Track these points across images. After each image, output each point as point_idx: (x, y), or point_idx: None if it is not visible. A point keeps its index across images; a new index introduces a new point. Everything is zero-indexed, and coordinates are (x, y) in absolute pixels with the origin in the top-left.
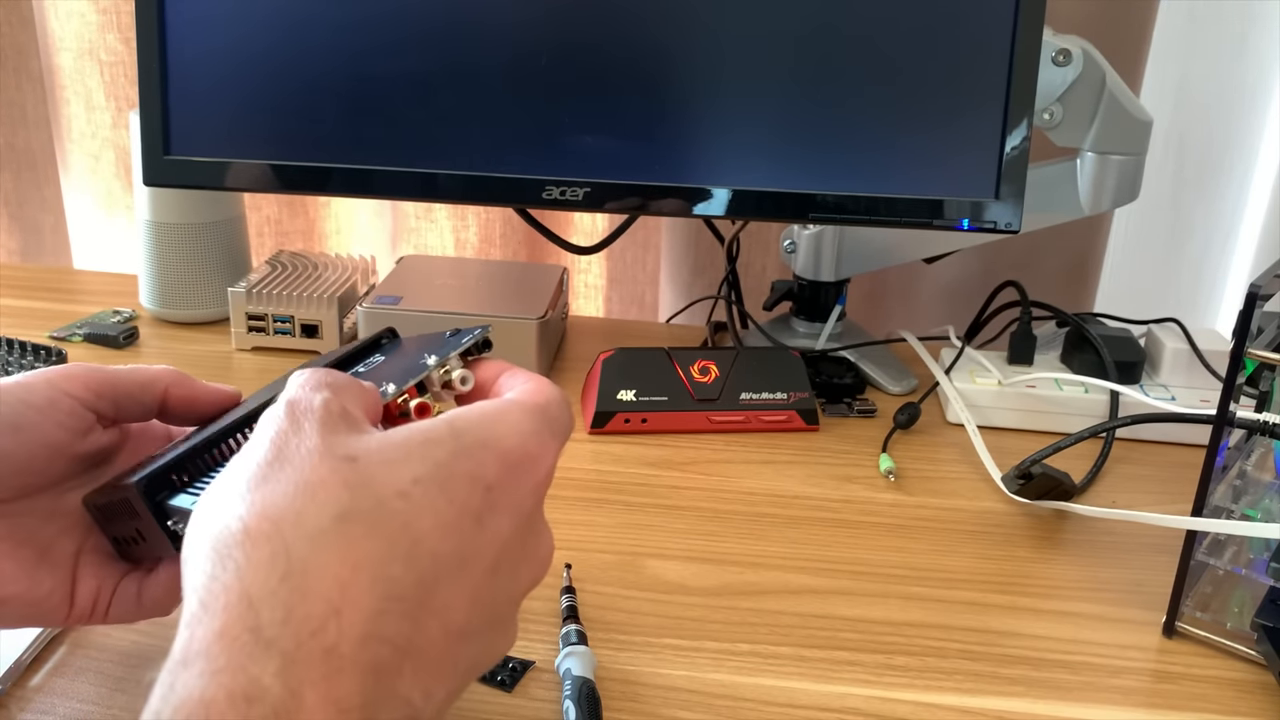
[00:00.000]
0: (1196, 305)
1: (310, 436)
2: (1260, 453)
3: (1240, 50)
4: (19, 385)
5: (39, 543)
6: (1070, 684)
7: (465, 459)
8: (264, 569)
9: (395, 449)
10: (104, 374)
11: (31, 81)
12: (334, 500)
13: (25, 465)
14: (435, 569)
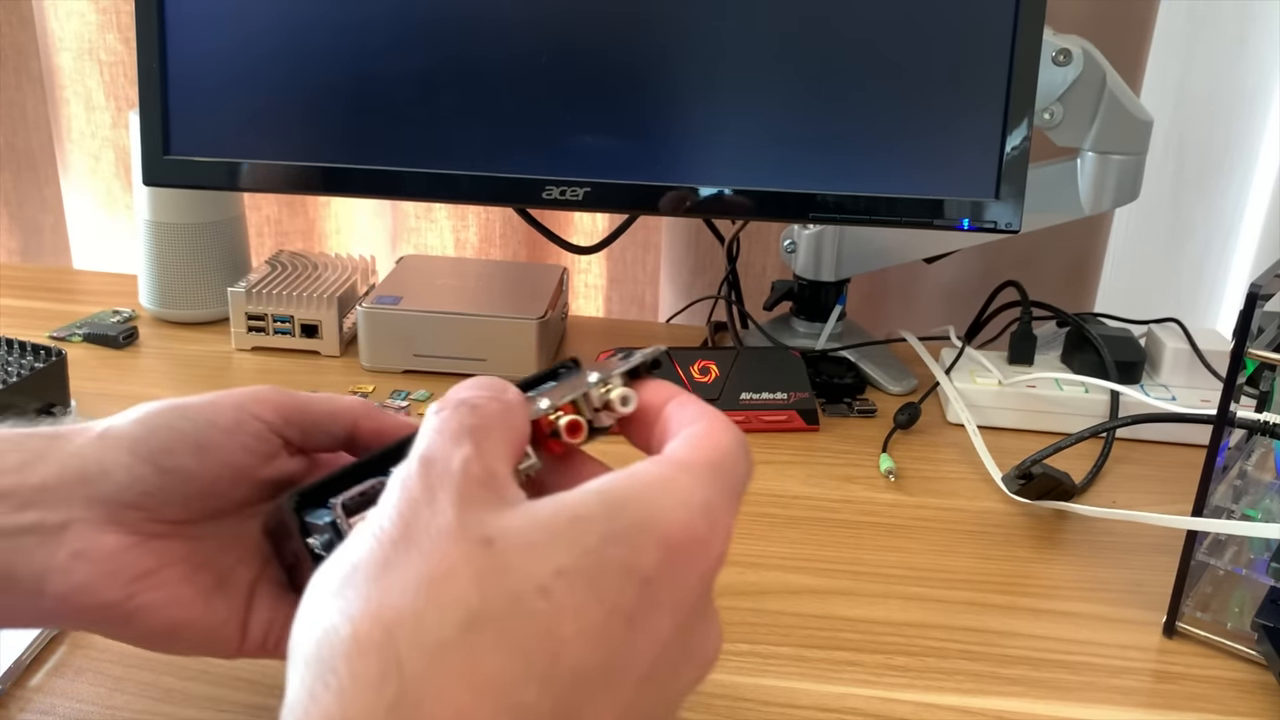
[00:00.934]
0: (1197, 305)
1: (443, 511)
2: (1261, 453)
3: (1240, 50)
4: (208, 405)
5: (217, 569)
6: (1070, 684)
7: (620, 545)
8: (370, 692)
9: (539, 529)
10: (294, 399)
11: (31, 81)
12: (461, 601)
13: (209, 487)
14: (576, 687)
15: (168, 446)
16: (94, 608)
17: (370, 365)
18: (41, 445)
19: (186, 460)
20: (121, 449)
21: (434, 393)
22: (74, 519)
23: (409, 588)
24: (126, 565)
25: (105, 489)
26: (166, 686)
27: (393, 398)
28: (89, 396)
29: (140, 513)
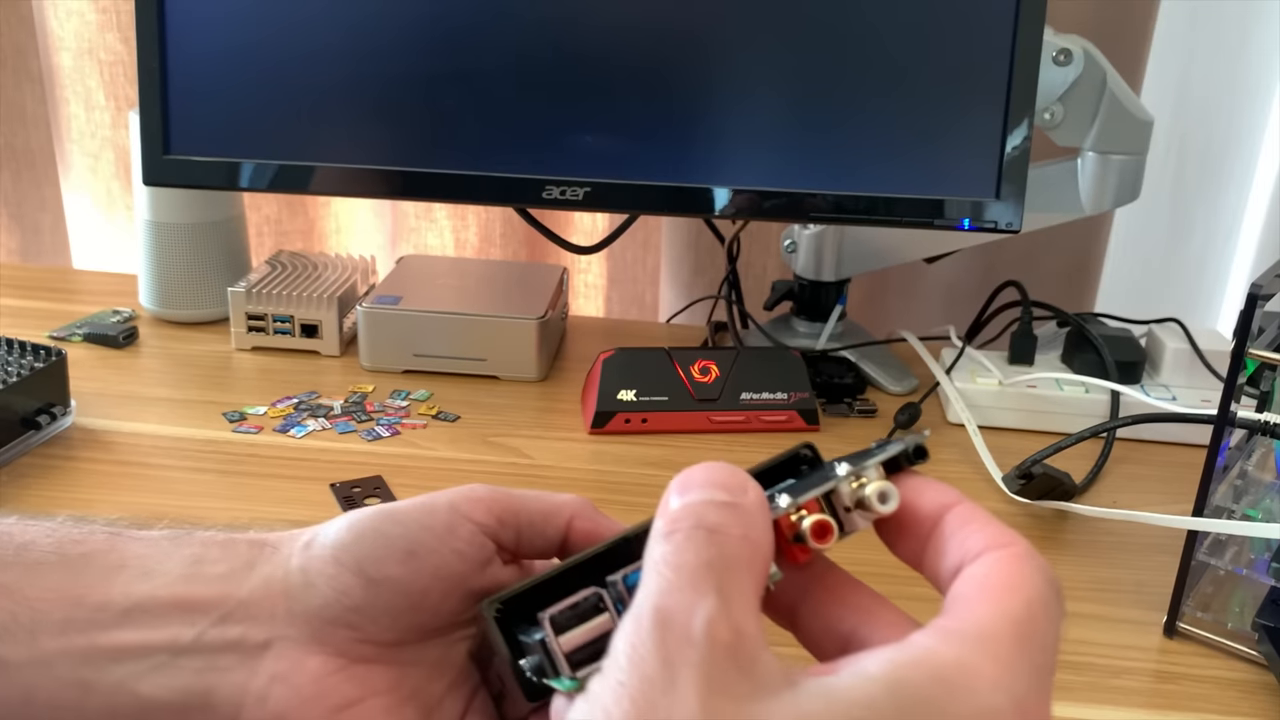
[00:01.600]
0: (1197, 305)
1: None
2: (1261, 453)
3: (1241, 50)
4: (417, 508)
5: (424, 701)
6: (1071, 684)
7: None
8: None
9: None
10: (507, 499)
11: (31, 81)
12: None
13: (419, 600)
14: None
15: (376, 554)
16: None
17: (370, 365)
18: (249, 554)
19: (396, 569)
20: (327, 558)
21: (434, 393)
22: (277, 637)
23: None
24: (328, 692)
25: (310, 603)
26: None
27: (393, 397)
28: (89, 396)
29: (346, 631)
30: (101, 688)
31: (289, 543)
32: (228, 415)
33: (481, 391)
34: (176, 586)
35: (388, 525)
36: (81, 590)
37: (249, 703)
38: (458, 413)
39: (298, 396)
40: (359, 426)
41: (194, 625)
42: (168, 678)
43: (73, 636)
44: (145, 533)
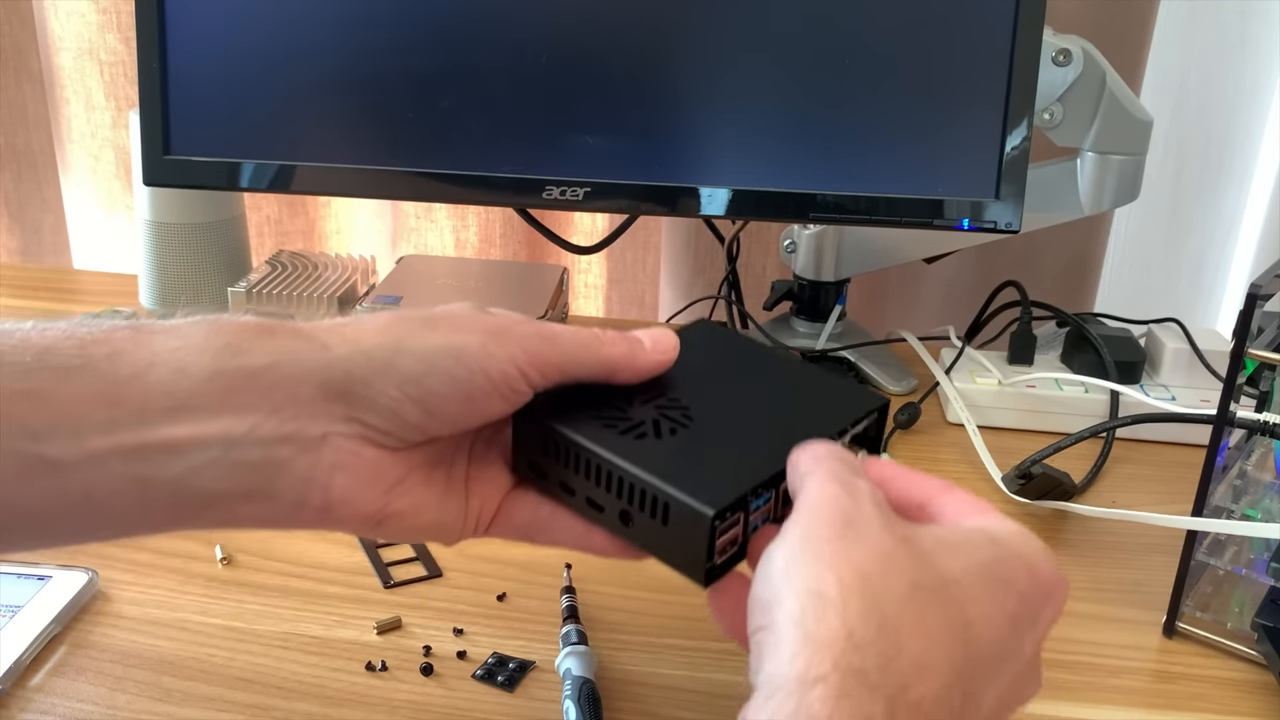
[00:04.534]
0: (1197, 305)
1: (869, 509)
2: (1260, 453)
3: (1241, 50)
4: (483, 353)
5: (447, 467)
6: (1070, 684)
7: (1004, 566)
8: (862, 618)
9: (942, 540)
10: (561, 363)
11: (31, 81)
12: (907, 570)
13: (463, 427)
14: (979, 658)
15: (440, 392)
16: (351, 518)
17: None
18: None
19: (454, 408)
20: (391, 382)
21: None
22: (333, 432)
23: (869, 555)
24: (383, 475)
25: (367, 413)
26: (166, 686)
27: None
28: None
29: (397, 434)
30: (160, 482)
31: (331, 335)
32: None
33: None
34: (217, 382)
35: (456, 367)
36: (119, 392)
37: (313, 490)
38: None
39: None
40: None
41: (245, 418)
42: (226, 469)
43: (120, 435)
44: (169, 323)
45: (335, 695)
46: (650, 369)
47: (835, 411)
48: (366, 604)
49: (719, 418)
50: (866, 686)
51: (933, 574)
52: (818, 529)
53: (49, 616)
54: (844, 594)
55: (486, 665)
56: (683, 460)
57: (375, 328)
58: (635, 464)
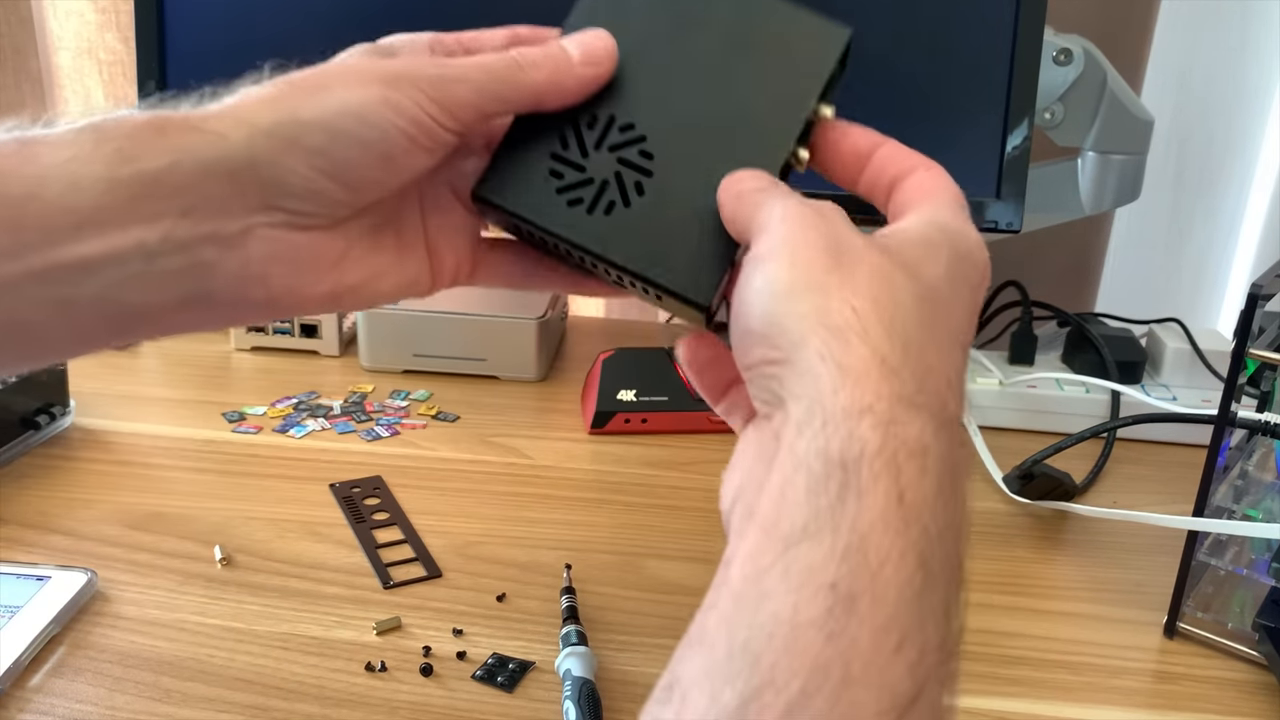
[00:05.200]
0: (1198, 305)
1: (844, 228)
2: (1262, 453)
3: (1241, 50)
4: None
5: (396, 225)
6: (1071, 684)
7: (962, 263)
8: (889, 342)
9: (913, 247)
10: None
11: (30, 81)
12: (906, 286)
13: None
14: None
15: (353, 160)
16: (301, 305)
17: (370, 365)
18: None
19: (373, 173)
20: (298, 160)
21: (434, 393)
22: (254, 224)
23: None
24: (321, 258)
25: (283, 200)
26: (166, 687)
27: (392, 398)
28: (88, 396)
29: (324, 211)
30: (83, 301)
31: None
32: (227, 415)
33: (481, 391)
34: (119, 191)
35: (361, 129)
36: (17, 215)
37: (251, 286)
38: (457, 413)
39: (297, 396)
40: (358, 427)
41: (157, 226)
42: (152, 281)
43: (29, 259)
44: (54, 132)
45: (335, 696)
46: (582, 89)
47: (801, 69)
48: (366, 604)
49: (681, 142)
50: (913, 408)
51: (923, 284)
52: (810, 258)
53: (48, 617)
54: (864, 322)
55: (486, 666)
56: (663, 234)
57: (267, 99)
58: (617, 253)
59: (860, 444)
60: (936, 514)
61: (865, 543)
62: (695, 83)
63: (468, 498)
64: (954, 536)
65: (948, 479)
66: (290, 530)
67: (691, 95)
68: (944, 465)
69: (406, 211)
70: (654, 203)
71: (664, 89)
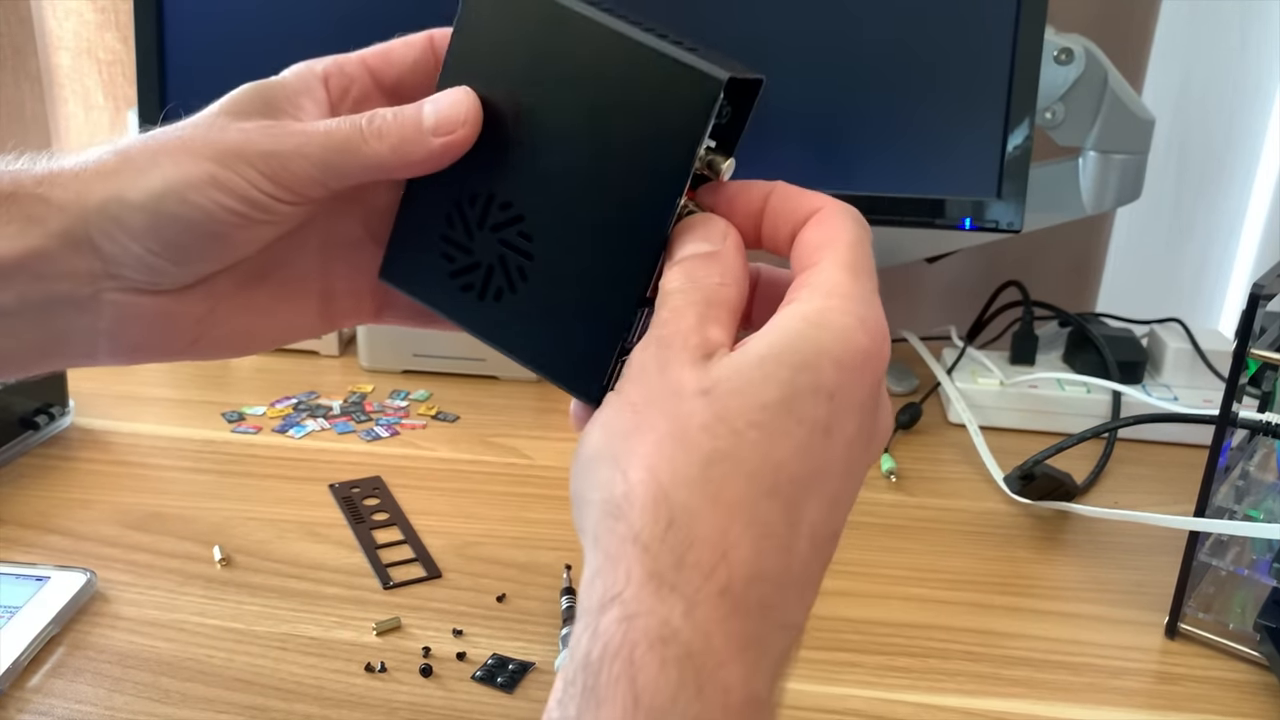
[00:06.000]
0: (1199, 305)
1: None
2: (1263, 453)
3: (1242, 50)
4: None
5: (274, 278)
6: (1072, 685)
7: (807, 374)
8: (651, 518)
9: (740, 376)
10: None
11: (29, 81)
12: (699, 446)
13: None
14: (797, 494)
15: (180, 240)
16: (159, 357)
17: (369, 365)
18: (33, 210)
19: (208, 248)
20: (128, 237)
21: (433, 393)
22: (103, 289)
23: (660, 443)
24: (179, 315)
25: (122, 270)
26: (165, 687)
27: (392, 398)
28: (87, 396)
29: (164, 282)
30: None
31: (64, 191)
32: (226, 415)
33: (481, 392)
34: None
35: (183, 209)
36: None
37: (101, 343)
38: (457, 413)
39: (297, 396)
40: (358, 427)
41: (9, 287)
42: (7, 333)
43: None
44: None
45: (334, 696)
46: (432, 161)
47: (676, 130)
48: (365, 605)
49: (559, 221)
50: (663, 588)
51: (727, 434)
52: (616, 421)
53: (47, 617)
54: (630, 496)
55: (486, 666)
56: (550, 323)
57: (103, 173)
58: (506, 345)
59: (603, 641)
60: (680, 707)
61: None
62: (569, 150)
63: (468, 498)
64: None
65: (690, 666)
66: (289, 531)
67: (566, 165)
68: (687, 653)
69: (294, 258)
70: (539, 288)
71: (538, 158)
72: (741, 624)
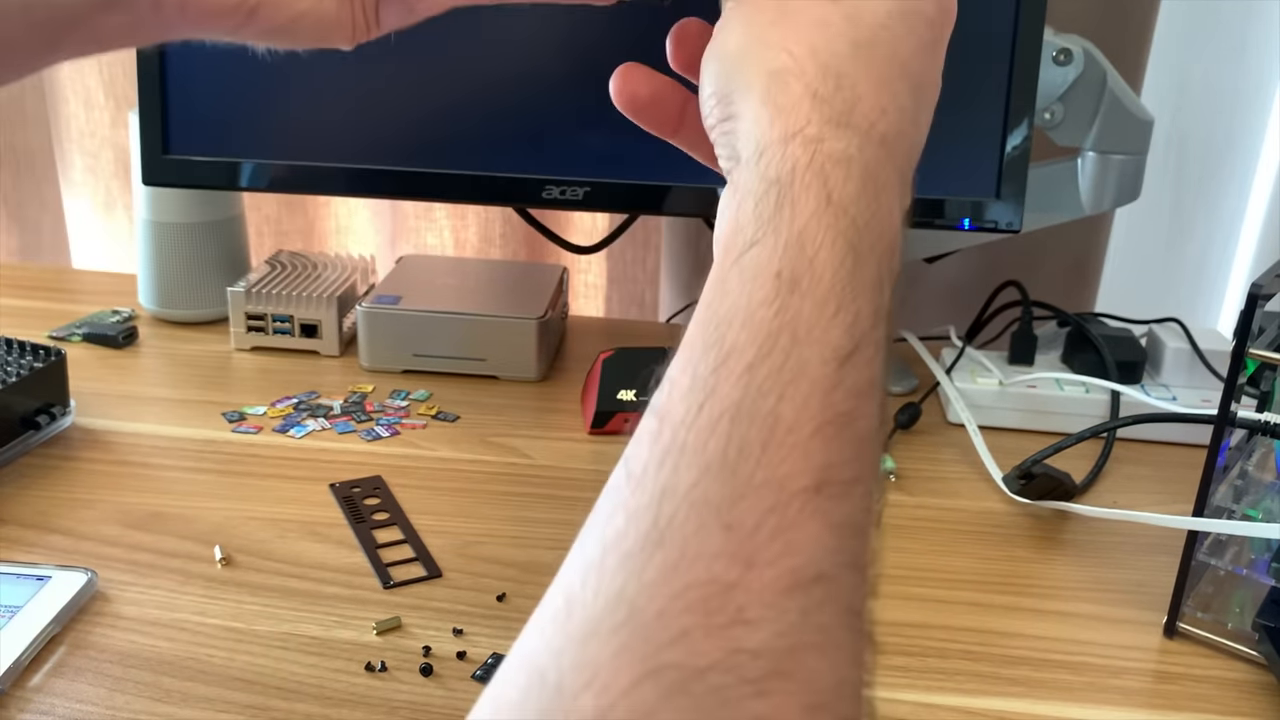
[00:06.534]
0: (1197, 305)
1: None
2: (1261, 453)
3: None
4: None
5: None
6: (1071, 684)
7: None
8: (821, 77)
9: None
10: None
11: (31, 80)
12: (844, 34)
13: None
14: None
15: None
16: (215, 10)
17: (370, 365)
18: None
19: None
20: None
21: (434, 393)
22: None
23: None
24: None
25: None
26: (166, 687)
27: (392, 398)
28: (88, 396)
29: None
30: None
31: None
32: (227, 415)
33: (481, 391)
34: None
35: None
36: None
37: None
38: (457, 413)
39: (297, 396)
40: (359, 426)
41: None
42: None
43: None
44: None
45: (335, 696)
46: None
47: None
48: (366, 604)
49: None
50: (840, 127)
51: (864, 28)
52: (758, 18)
53: (48, 617)
54: (799, 64)
55: (486, 666)
56: None
57: None
58: None
59: (792, 161)
60: (862, 208)
61: (802, 237)
62: None
63: (468, 498)
64: (879, 226)
65: (870, 182)
66: (290, 530)
67: None
68: (867, 171)
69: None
70: None
71: None
72: (893, 169)
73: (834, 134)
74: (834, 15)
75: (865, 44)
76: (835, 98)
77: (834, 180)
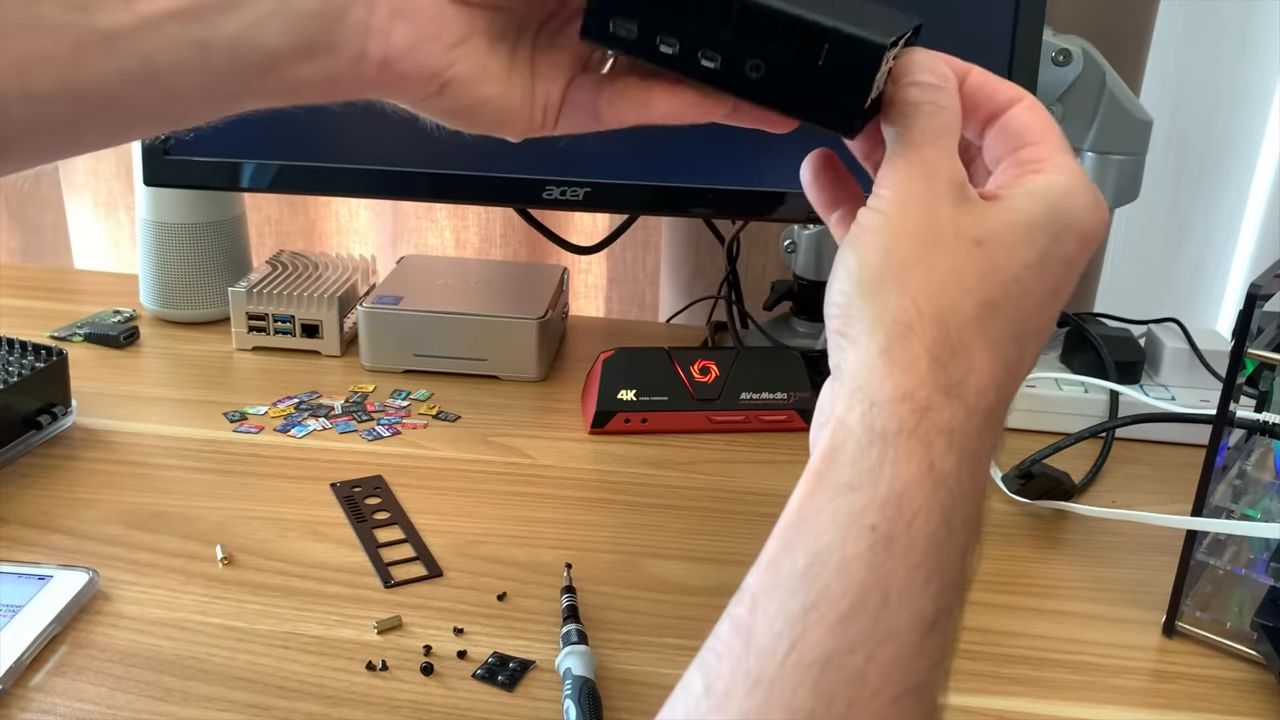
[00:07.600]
0: (1196, 305)
1: (947, 213)
2: (1260, 452)
3: (1240, 50)
4: None
5: (511, 43)
6: (1071, 683)
7: (1059, 244)
8: (941, 342)
9: (1011, 235)
10: None
11: None
12: (974, 292)
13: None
14: (1030, 339)
15: None
16: (413, 75)
17: (370, 365)
18: None
19: None
20: None
21: (434, 392)
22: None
23: (945, 281)
24: (443, 29)
25: None
26: (167, 686)
27: (393, 397)
28: (90, 396)
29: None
30: (219, 43)
31: None
32: (228, 415)
33: (482, 391)
34: None
35: None
36: None
37: (373, 40)
38: (458, 413)
39: (298, 396)
40: (359, 426)
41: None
42: (284, 22)
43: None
44: None
45: (335, 695)
46: None
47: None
48: (367, 604)
49: None
50: (949, 397)
51: (997, 284)
52: (900, 249)
53: (49, 616)
54: (923, 322)
55: (487, 665)
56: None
57: None
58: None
59: (899, 422)
60: (960, 482)
61: (900, 498)
62: None
63: (468, 497)
64: (973, 501)
65: (969, 456)
66: (291, 530)
67: None
68: (968, 445)
69: (524, 36)
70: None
71: None
72: (991, 437)
73: (942, 403)
74: (971, 267)
75: (992, 305)
76: (951, 365)
77: (937, 449)
